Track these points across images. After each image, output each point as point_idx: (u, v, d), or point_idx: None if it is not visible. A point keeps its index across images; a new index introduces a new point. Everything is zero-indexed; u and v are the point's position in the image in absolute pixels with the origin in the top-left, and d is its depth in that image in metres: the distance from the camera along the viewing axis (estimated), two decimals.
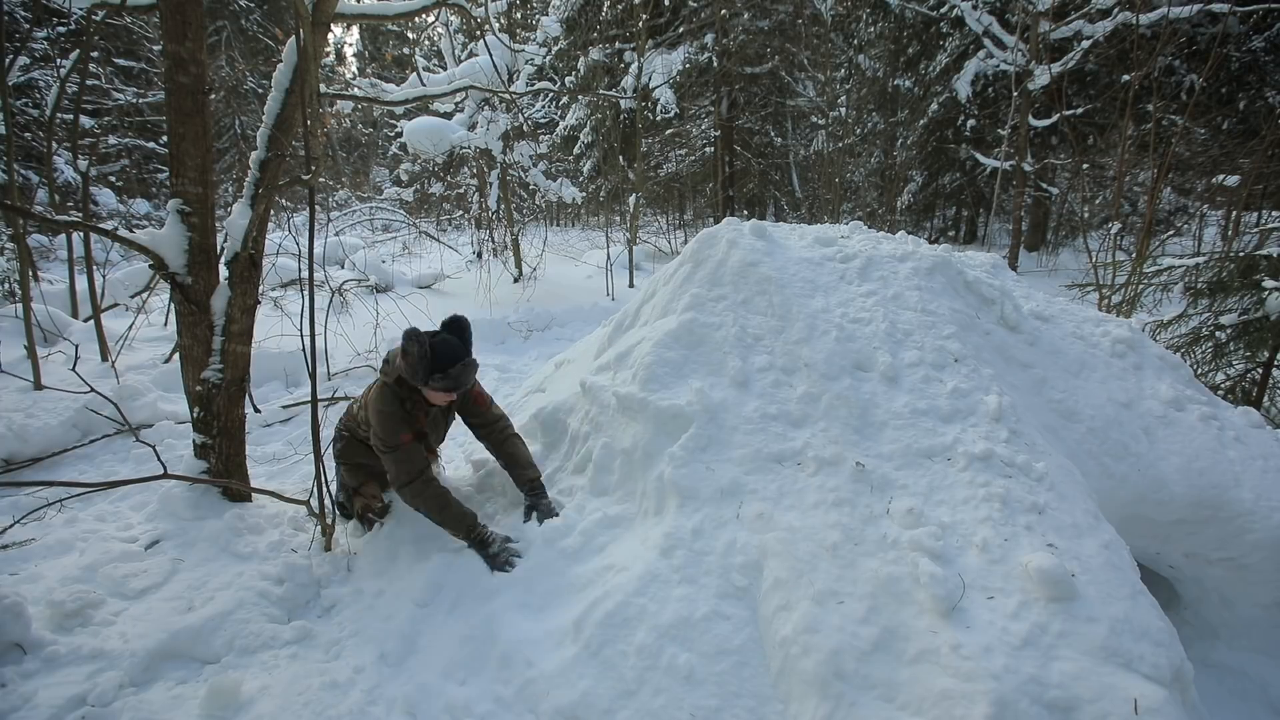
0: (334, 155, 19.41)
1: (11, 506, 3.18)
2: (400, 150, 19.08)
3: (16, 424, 3.86)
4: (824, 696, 1.69)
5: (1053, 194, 12.43)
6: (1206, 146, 9.92)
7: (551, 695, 1.94)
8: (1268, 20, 10.01)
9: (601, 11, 13.63)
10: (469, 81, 5.46)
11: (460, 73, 7.47)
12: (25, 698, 2.01)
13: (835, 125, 14.02)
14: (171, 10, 2.60)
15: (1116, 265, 5.69)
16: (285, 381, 5.56)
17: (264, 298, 4.01)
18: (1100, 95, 10.94)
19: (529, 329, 7.59)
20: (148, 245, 2.73)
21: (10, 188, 5.24)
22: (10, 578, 2.55)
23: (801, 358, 2.57)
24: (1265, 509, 2.48)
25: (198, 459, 3.01)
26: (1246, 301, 4.32)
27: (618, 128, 12.44)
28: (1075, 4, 10.22)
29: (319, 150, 3.13)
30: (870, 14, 14.56)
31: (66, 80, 5.39)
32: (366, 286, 8.04)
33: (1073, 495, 2.12)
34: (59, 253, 10.53)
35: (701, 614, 1.97)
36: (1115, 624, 1.70)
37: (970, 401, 2.41)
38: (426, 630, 2.36)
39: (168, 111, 2.72)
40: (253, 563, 2.68)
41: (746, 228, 3.16)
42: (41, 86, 11.80)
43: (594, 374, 3.00)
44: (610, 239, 10.63)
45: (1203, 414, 2.75)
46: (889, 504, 2.11)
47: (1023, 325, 2.94)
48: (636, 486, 2.49)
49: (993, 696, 1.56)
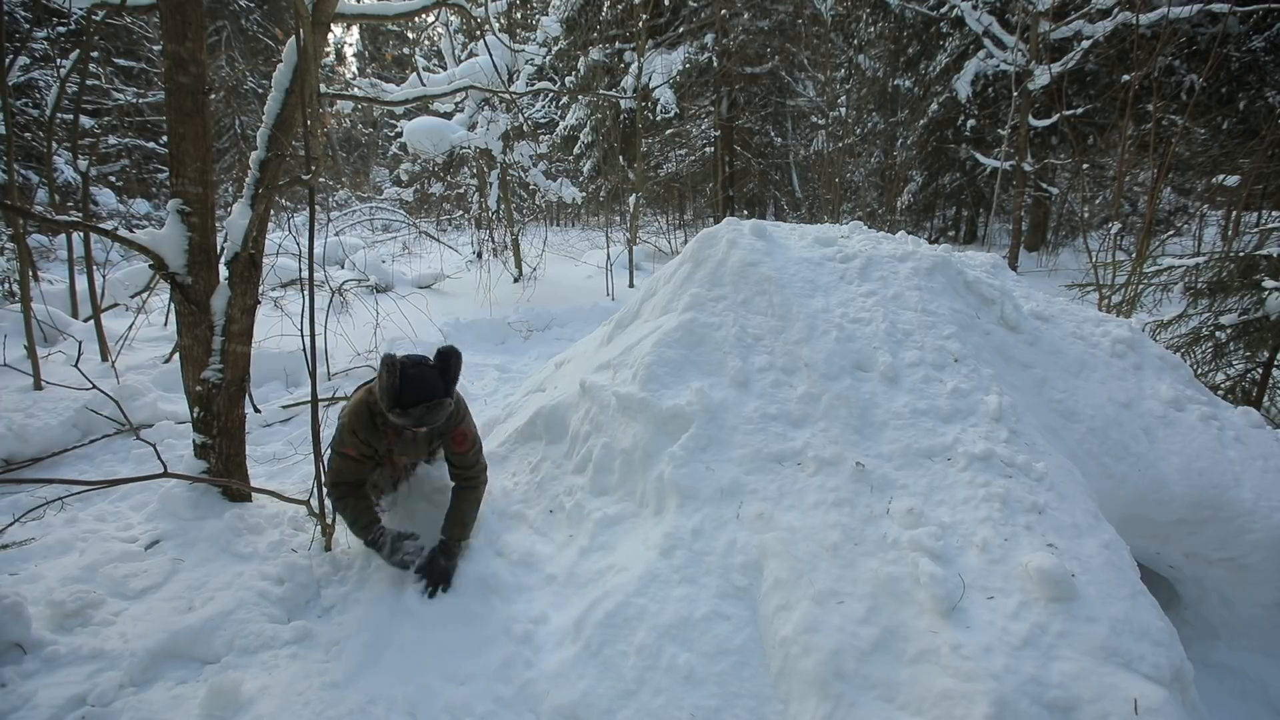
0: (334, 155, 19.41)
1: (11, 506, 3.18)
2: (400, 150, 19.09)
3: (16, 424, 3.86)
4: (824, 696, 1.69)
5: (1053, 194, 12.43)
6: (1206, 146, 9.92)
7: (551, 695, 1.94)
8: (1268, 20, 10.01)
9: (601, 11, 13.63)
10: (469, 81, 5.46)
11: (460, 73, 7.47)
12: (25, 698, 2.00)
13: (835, 125, 14.02)
14: (171, 10, 2.60)
15: (1116, 265, 5.69)
16: (285, 381, 5.55)
17: (264, 298, 4.01)
18: (1100, 95, 10.94)
19: (529, 329, 7.59)
20: (148, 245, 2.73)
21: (10, 188, 5.24)
22: (10, 578, 2.55)
23: (801, 358, 2.58)
24: (1265, 509, 2.48)
25: (198, 459, 3.01)
26: (1246, 301, 4.32)
27: (618, 128, 12.44)
28: (1075, 4, 10.21)
29: (319, 150, 3.13)
30: (870, 14, 14.56)
31: (66, 80, 5.39)
32: (366, 286, 8.04)
33: (1073, 495, 2.12)
34: (59, 253, 10.52)
35: (701, 614, 1.97)
36: (1115, 624, 1.70)
37: (970, 401, 2.41)
38: (427, 630, 2.36)
39: (168, 111, 2.72)
40: (253, 563, 2.68)
41: (746, 227, 3.16)
42: (41, 86, 11.80)
43: (594, 374, 3.00)
44: (610, 239, 10.63)
45: (1203, 414, 2.75)
46: (889, 504, 2.11)
47: (1023, 325, 2.94)
48: (637, 486, 2.49)
49: (993, 696, 1.56)
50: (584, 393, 2.95)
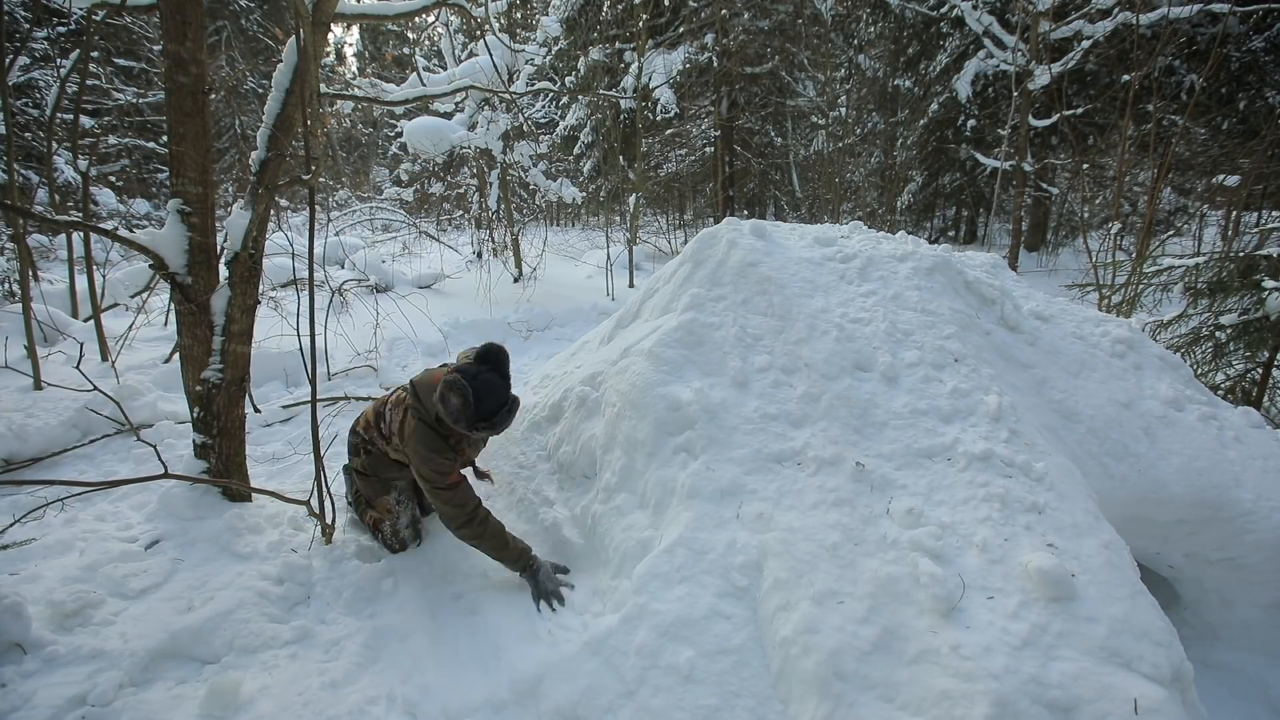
0: (334, 155, 19.41)
1: (11, 506, 3.18)
2: (400, 150, 19.08)
3: (16, 424, 3.86)
4: (824, 696, 1.69)
5: (1053, 194, 12.43)
6: (1206, 146, 9.93)
7: (551, 694, 1.94)
8: (1268, 20, 10.01)
9: (601, 11, 13.63)
10: (469, 81, 5.46)
11: (460, 73, 7.47)
12: (25, 697, 2.00)
13: (835, 125, 14.01)
14: (171, 10, 2.60)
15: (1116, 265, 5.69)
16: (285, 381, 5.56)
17: (264, 298, 4.01)
18: (1100, 95, 10.94)
19: (529, 329, 7.59)
20: (148, 245, 2.73)
21: (10, 188, 5.24)
22: (10, 578, 2.55)
23: (801, 358, 2.58)
24: (1265, 509, 2.48)
25: (198, 459, 3.01)
26: (1246, 301, 4.32)
27: (618, 128, 12.43)
28: (1075, 4, 10.22)
29: (319, 150, 3.13)
30: (870, 14, 14.56)
31: (66, 80, 5.39)
32: (366, 286, 8.04)
33: (1073, 495, 2.12)
34: (59, 253, 10.52)
35: (701, 613, 1.97)
36: (1115, 624, 1.70)
37: (970, 401, 2.41)
38: (426, 630, 2.36)
39: (168, 111, 2.72)
40: (252, 563, 2.68)
41: (746, 227, 3.16)
42: (41, 86, 11.80)
43: (593, 373, 3.00)
44: (610, 239, 10.63)
45: (1203, 414, 2.75)
46: (889, 504, 2.11)
47: (1023, 325, 2.94)
48: (637, 486, 2.49)
49: (993, 696, 1.56)
50: (583, 392, 2.95)
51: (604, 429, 2.72)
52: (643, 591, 2.05)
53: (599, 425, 2.77)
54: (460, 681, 2.11)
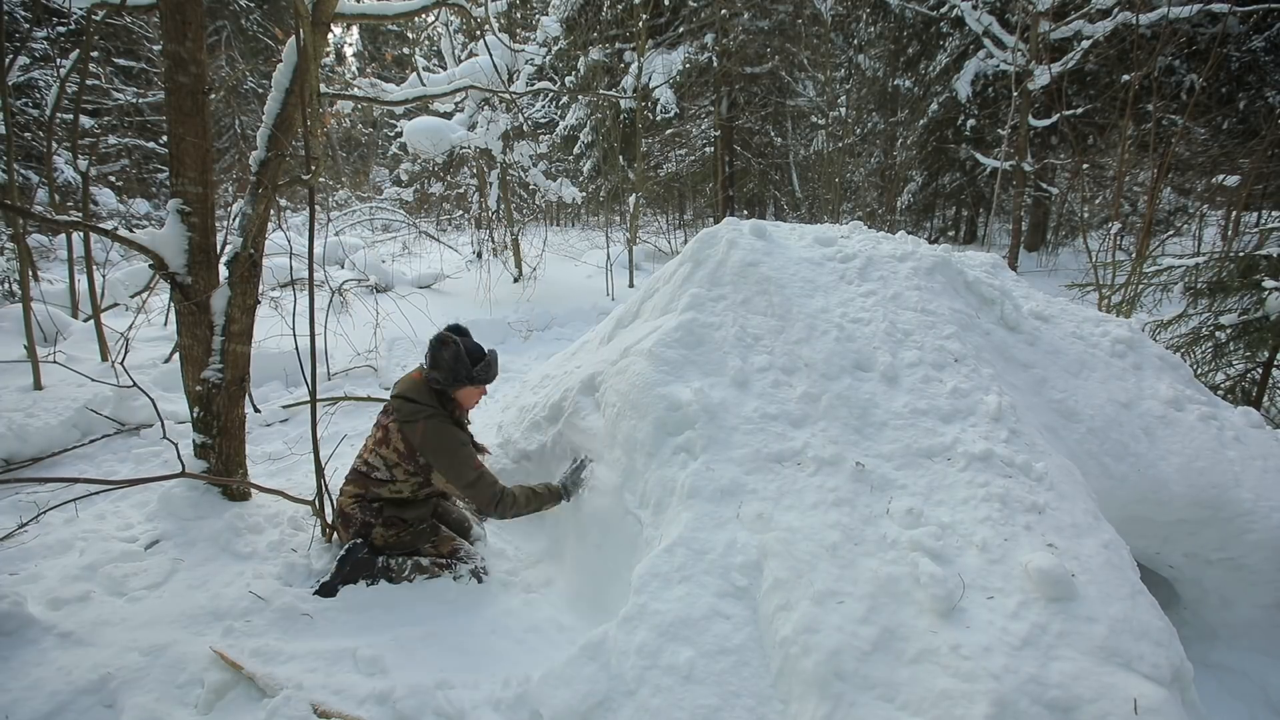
0: (334, 155, 19.41)
1: (12, 506, 3.18)
2: (400, 150, 19.07)
3: (16, 424, 3.86)
4: (824, 696, 1.69)
5: (1053, 194, 12.42)
6: (1206, 146, 9.92)
7: (551, 694, 1.94)
8: (1268, 20, 10.00)
9: (601, 11, 13.62)
10: (469, 81, 5.46)
11: (460, 73, 7.47)
12: (25, 697, 2.00)
13: (835, 125, 14.01)
14: (171, 10, 2.60)
15: (1116, 265, 5.69)
16: (285, 381, 5.55)
17: (263, 298, 4.01)
18: (1100, 95, 10.94)
19: (529, 329, 7.59)
20: (148, 245, 2.73)
21: (10, 188, 5.24)
22: (10, 577, 2.55)
23: (801, 358, 2.58)
24: (1265, 509, 2.48)
25: (198, 459, 3.01)
26: (1246, 301, 4.32)
27: (618, 128, 12.43)
28: (1075, 4, 10.21)
29: (319, 150, 3.13)
30: (870, 14, 14.54)
31: (66, 80, 5.39)
32: (366, 286, 8.04)
33: (1073, 495, 2.12)
34: (59, 253, 10.53)
35: (701, 613, 1.97)
36: (1115, 624, 1.70)
37: (970, 401, 2.41)
38: (425, 629, 2.36)
39: (168, 111, 2.72)
40: (253, 562, 2.68)
41: (746, 227, 3.16)
42: (41, 86, 11.80)
43: (593, 373, 3.00)
44: (610, 239, 10.63)
45: (1202, 414, 2.75)
46: (889, 504, 2.11)
47: (1022, 325, 2.94)
48: (636, 486, 2.49)
49: (993, 696, 1.56)
50: (582, 392, 2.95)
51: (604, 429, 2.72)
52: (642, 591, 2.05)
53: (599, 425, 2.77)
54: (460, 681, 2.11)
